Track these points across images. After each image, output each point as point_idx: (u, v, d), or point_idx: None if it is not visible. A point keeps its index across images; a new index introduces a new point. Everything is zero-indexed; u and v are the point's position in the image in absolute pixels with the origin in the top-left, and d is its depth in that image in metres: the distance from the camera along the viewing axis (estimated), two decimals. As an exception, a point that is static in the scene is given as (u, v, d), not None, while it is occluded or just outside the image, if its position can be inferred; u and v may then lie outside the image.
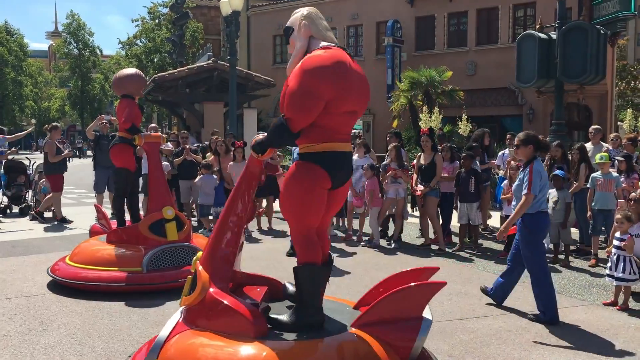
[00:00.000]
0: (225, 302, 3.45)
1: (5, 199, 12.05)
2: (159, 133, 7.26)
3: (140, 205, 7.50)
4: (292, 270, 3.23)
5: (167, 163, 9.59)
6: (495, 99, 24.63)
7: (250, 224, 9.58)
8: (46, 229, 9.98)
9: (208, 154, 10.37)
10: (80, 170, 23.33)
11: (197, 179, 9.64)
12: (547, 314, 5.11)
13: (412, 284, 3.57)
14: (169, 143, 10.45)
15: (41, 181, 11.56)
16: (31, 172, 12.23)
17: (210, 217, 9.56)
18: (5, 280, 6.36)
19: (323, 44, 3.59)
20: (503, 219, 8.38)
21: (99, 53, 56.89)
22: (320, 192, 3.54)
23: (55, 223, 10.55)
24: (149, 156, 6.74)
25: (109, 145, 7.11)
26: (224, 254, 3.74)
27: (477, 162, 8.57)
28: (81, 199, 13.67)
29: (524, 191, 5.18)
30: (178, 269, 6.09)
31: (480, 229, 8.78)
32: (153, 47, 39.62)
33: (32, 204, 11.66)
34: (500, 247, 8.24)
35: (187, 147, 10.17)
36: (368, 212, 8.69)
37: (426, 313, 3.55)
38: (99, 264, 6.03)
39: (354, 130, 37.35)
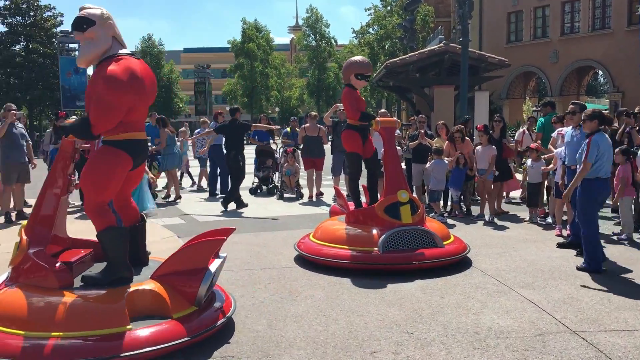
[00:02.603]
0: (36, 260, 4.16)
1: (256, 180, 13.48)
2: (394, 118, 7.41)
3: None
4: (527, 258, 3.10)
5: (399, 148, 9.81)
6: None
7: (471, 210, 9.37)
8: (291, 208, 10.92)
9: (436, 139, 10.34)
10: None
11: (427, 164, 9.67)
12: (592, 265, 6.02)
13: (196, 241, 4.43)
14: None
15: (285, 165, 12.66)
16: (278, 155, 13.45)
17: (441, 203, 9.52)
18: (259, 253, 7.12)
19: (122, 51, 4.35)
20: None
21: (334, 43, 60.16)
22: (121, 172, 4.37)
23: (306, 200, 11.63)
24: (384, 141, 6.93)
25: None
26: (42, 222, 4.39)
27: None
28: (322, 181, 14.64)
29: (582, 159, 6.03)
30: (412, 252, 6.19)
31: None
32: (384, 34, 40.63)
33: (278, 184, 12.84)
34: None
35: (422, 131, 10.24)
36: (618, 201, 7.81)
37: (212, 265, 4.36)
38: (338, 242, 6.41)
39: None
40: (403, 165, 10.02)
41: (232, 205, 10.57)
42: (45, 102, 44.26)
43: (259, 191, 13.24)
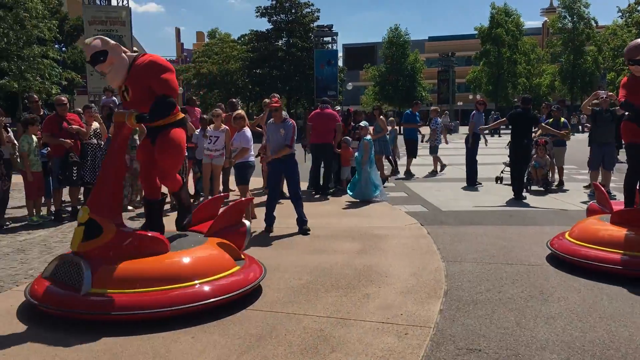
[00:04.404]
0: (138, 233, 4.89)
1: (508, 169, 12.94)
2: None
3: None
4: None
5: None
6: None
7: None
8: (538, 202, 10.27)
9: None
10: (570, 146, 22.99)
11: None
12: None
13: (231, 203, 5.76)
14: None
15: (534, 156, 11.91)
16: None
17: None
18: (505, 247, 6.84)
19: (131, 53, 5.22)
20: None
21: (594, 24, 54.68)
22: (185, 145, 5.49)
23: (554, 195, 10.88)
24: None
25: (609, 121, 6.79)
26: (114, 200, 4.87)
27: None
28: (571, 175, 13.58)
29: None
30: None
31: None
32: (658, 11, 35.64)
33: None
34: None
35: None
36: None
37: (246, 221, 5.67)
38: (602, 244, 5.80)
39: None
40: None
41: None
42: (301, 91, 48.41)
43: (497, 182, 12.78)
